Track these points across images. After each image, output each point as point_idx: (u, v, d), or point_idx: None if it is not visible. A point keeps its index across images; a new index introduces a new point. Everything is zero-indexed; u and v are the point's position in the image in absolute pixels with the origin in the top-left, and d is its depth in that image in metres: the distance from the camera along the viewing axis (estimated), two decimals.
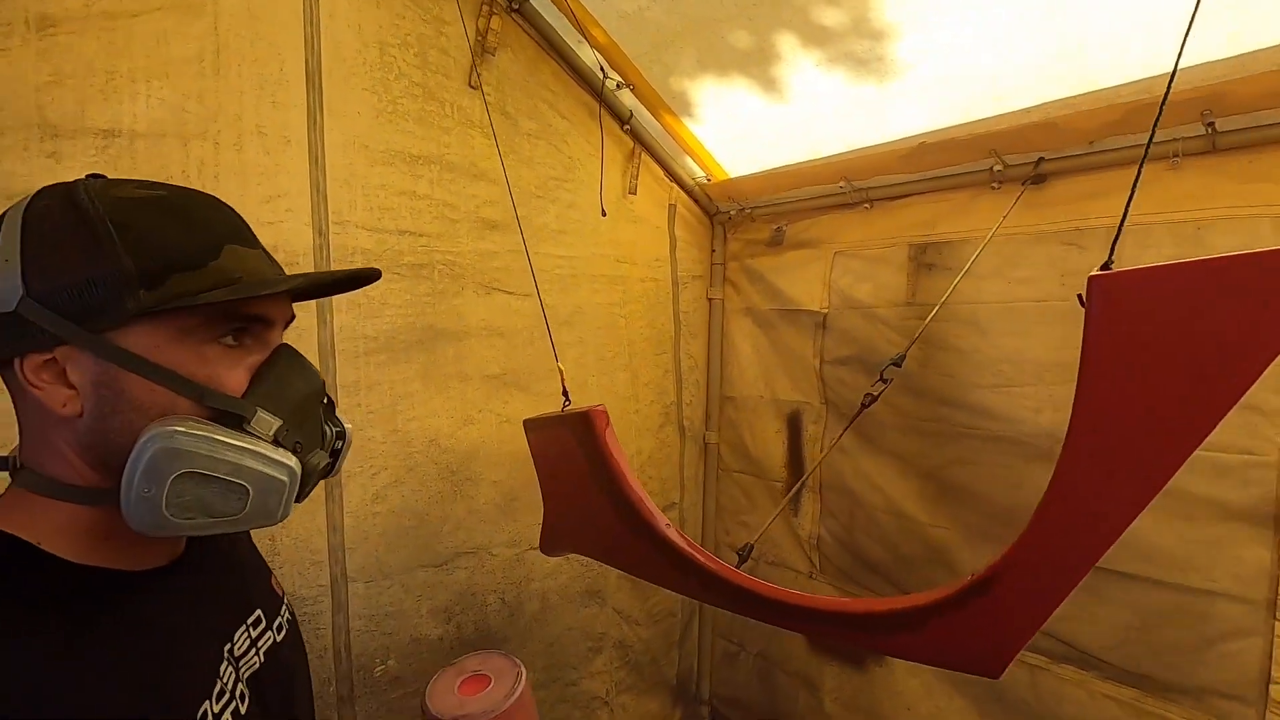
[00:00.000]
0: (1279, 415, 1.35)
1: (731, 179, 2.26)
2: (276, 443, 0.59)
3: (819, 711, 2.17)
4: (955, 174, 1.80)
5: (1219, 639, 1.44)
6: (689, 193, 2.37)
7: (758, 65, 1.77)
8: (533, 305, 1.90)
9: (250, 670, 0.67)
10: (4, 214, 0.56)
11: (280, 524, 0.61)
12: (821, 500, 2.18)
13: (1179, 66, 0.74)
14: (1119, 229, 0.70)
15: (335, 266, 1.52)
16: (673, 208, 2.34)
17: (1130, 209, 1.53)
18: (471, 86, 1.79)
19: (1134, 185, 0.68)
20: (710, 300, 2.48)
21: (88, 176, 0.59)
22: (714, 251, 2.48)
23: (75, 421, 0.55)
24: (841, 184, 2.01)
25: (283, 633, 0.75)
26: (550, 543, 1.50)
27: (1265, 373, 0.58)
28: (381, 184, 1.61)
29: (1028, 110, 1.56)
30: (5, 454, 0.60)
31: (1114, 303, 0.64)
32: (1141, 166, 0.69)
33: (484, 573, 1.72)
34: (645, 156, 2.21)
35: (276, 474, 0.58)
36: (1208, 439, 0.63)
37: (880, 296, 2.01)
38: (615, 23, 1.83)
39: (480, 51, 1.79)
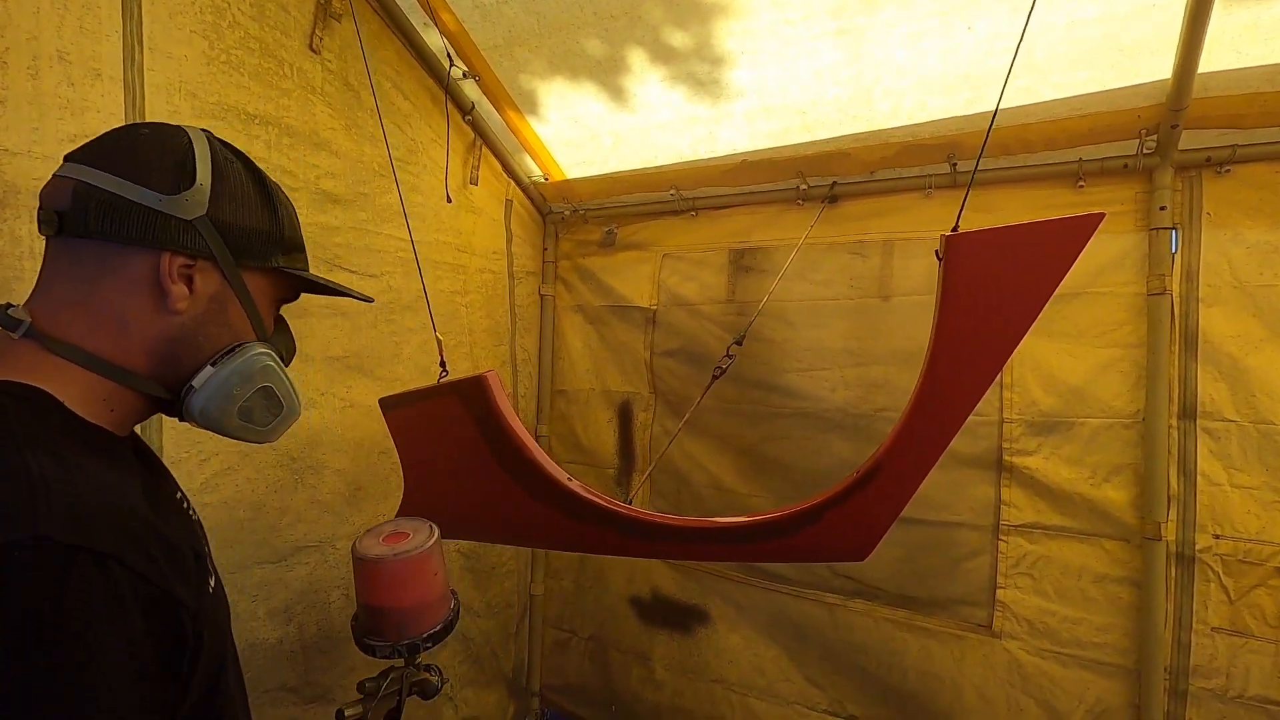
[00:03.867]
0: (998, 386, 1.81)
1: (568, 180, 2.37)
2: None
3: (651, 681, 2.32)
4: (768, 190, 2.11)
5: (962, 559, 1.86)
6: (525, 190, 2.43)
7: (608, 74, 1.91)
8: (376, 287, 1.83)
9: None
10: (175, 141, 0.70)
11: None
12: (651, 482, 2.35)
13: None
14: (962, 204, 0.95)
15: None
16: (509, 203, 2.38)
17: (896, 227, 1.92)
18: (313, 50, 1.68)
19: (963, 201, 0.93)
20: (542, 296, 2.55)
21: (205, 132, 0.74)
22: (546, 250, 2.56)
23: (172, 318, 0.68)
24: (671, 192, 2.23)
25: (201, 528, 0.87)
26: None
27: None
28: None
29: (828, 140, 1.91)
30: (13, 314, 0.64)
31: (960, 254, 0.88)
32: (968, 189, 0.94)
33: (327, 567, 1.58)
34: (485, 150, 2.23)
35: (298, 403, 0.79)
36: None
37: (704, 295, 2.25)
38: (469, 11, 1.85)
39: (323, 16, 1.69)
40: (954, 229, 0.92)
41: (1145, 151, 1.63)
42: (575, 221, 2.51)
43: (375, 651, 1.06)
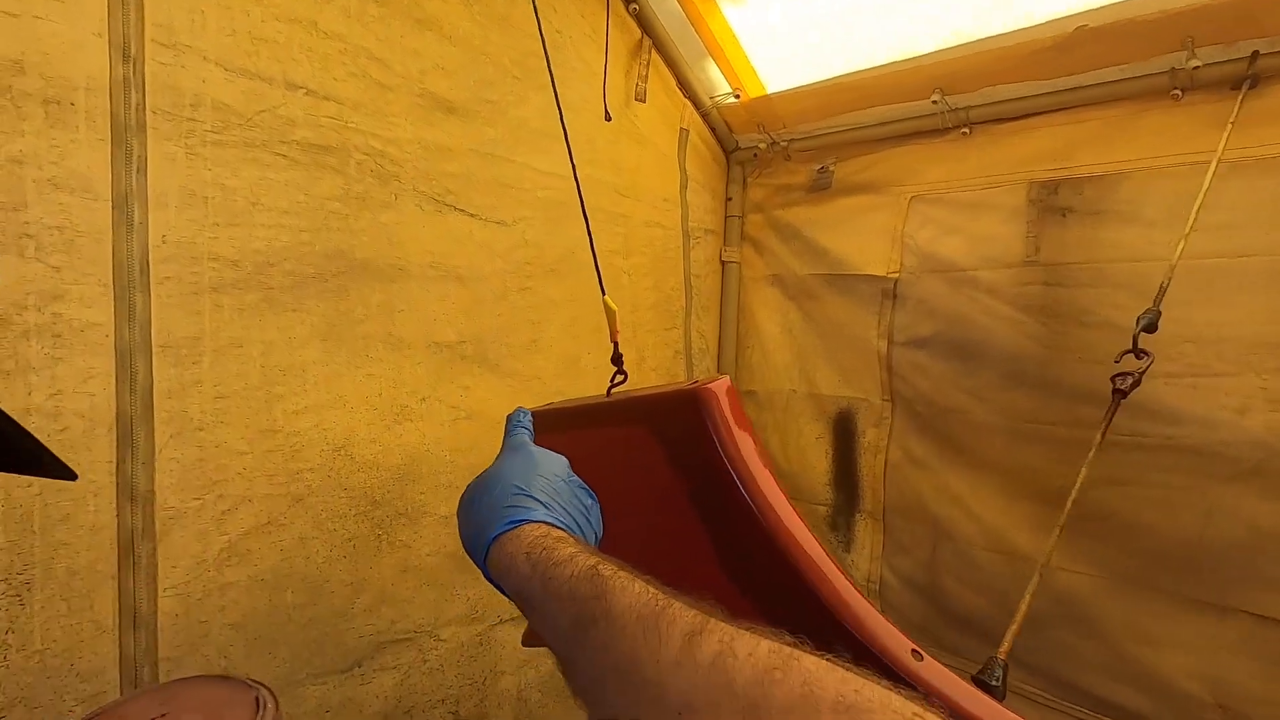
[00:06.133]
0: None
1: (768, 96, 1.68)
2: None
3: None
4: (1113, 81, 1.29)
5: None
6: (705, 117, 1.76)
7: None
8: (507, 240, 1.24)
9: None
10: None
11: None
12: (885, 530, 1.63)
13: None
14: None
15: (154, 121, 0.80)
16: (684, 133, 1.73)
17: None
18: None
19: None
20: (724, 263, 1.88)
21: None
22: (729, 200, 1.88)
23: None
24: (933, 98, 1.47)
25: None
26: None
27: None
28: None
29: None
30: None
31: None
32: None
33: (425, 672, 1.03)
34: (655, 55, 1.59)
35: None
36: None
37: (981, 254, 1.48)
38: None
39: None
40: None
41: None
42: (772, 158, 1.81)
43: None
